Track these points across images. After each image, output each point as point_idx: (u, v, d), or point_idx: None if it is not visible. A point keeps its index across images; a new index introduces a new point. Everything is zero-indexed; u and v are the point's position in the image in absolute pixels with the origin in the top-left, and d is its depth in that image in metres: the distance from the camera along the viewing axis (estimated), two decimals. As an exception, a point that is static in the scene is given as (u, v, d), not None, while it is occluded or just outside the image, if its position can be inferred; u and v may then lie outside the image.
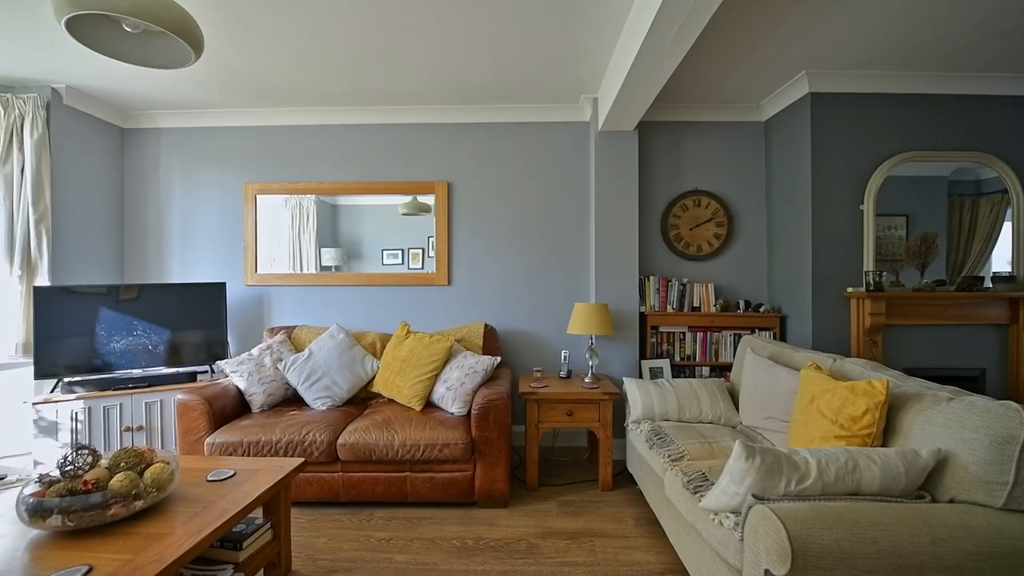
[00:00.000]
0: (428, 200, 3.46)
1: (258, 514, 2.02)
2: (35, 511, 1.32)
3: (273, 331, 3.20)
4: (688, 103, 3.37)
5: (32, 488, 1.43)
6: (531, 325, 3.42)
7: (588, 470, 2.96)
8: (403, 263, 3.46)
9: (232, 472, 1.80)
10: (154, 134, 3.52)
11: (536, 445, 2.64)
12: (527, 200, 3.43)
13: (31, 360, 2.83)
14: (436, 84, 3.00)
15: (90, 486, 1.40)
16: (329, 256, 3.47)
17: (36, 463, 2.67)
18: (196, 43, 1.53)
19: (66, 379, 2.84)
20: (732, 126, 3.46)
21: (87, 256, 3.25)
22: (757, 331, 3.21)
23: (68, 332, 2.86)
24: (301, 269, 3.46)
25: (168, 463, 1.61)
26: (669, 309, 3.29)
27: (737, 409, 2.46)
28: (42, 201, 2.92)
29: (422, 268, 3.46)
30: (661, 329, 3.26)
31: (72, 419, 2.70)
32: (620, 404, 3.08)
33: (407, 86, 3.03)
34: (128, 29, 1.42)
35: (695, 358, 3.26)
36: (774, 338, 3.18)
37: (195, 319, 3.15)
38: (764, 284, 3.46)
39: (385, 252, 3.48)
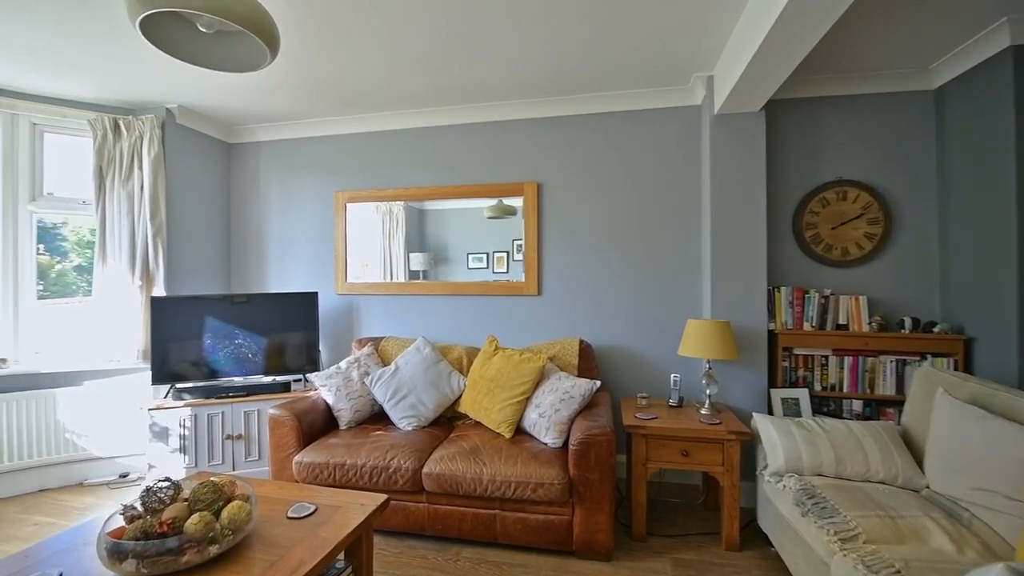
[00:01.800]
0: (514, 203, 3.20)
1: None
2: (113, 553, 1.23)
3: (361, 342, 3.12)
4: (829, 73, 2.75)
5: (115, 522, 1.36)
6: (632, 342, 3.01)
7: (705, 519, 2.49)
8: (488, 266, 3.25)
9: (313, 508, 1.64)
10: (255, 148, 3.64)
11: (644, 488, 2.25)
12: (626, 199, 3.03)
13: (149, 366, 3.01)
14: (524, 75, 2.72)
15: (166, 528, 1.29)
16: (417, 260, 3.36)
17: (150, 466, 2.81)
18: (272, 41, 1.38)
19: (177, 385, 2.98)
20: (889, 98, 2.77)
21: (197, 267, 3.43)
22: (931, 358, 2.52)
23: (179, 340, 3.00)
24: (391, 274, 3.39)
25: (247, 499, 1.48)
26: (806, 327, 2.70)
27: (919, 466, 1.87)
28: (158, 215, 3.10)
29: (507, 272, 3.21)
30: (796, 351, 2.69)
31: (180, 425, 2.81)
32: (748, 444, 2.57)
33: (493, 79, 2.78)
34: (203, 29, 1.30)
35: (841, 388, 2.64)
36: (955, 367, 2.48)
37: (290, 328, 3.18)
38: (935, 297, 2.72)
39: (470, 256, 3.28)
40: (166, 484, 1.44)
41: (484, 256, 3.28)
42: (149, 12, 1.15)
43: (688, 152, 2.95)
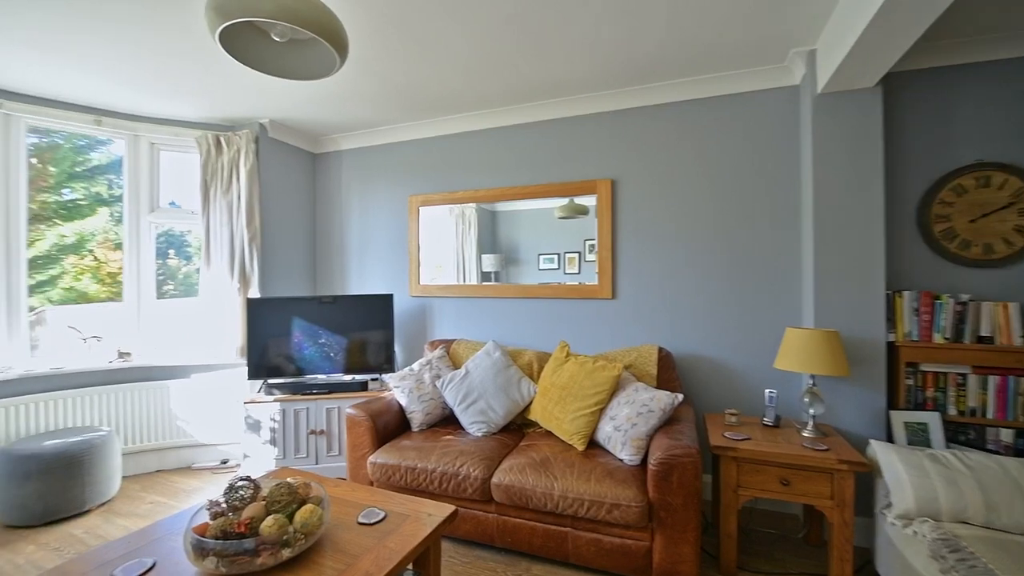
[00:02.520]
0: (586, 201, 3.05)
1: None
2: (196, 548, 1.29)
3: (433, 344, 3.15)
4: (965, 36, 2.30)
5: (201, 517, 1.43)
6: (718, 352, 2.74)
7: (808, 555, 2.19)
8: (559, 267, 3.13)
9: (383, 515, 1.64)
10: (337, 156, 3.83)
11: (734, 517, 2.01)
12: (710, 194, 2.76)
13: (245, 362, 3.26)
14: (598, 64, 2.57)
15: (243, 527, 1.33)
16: (489, 262, 3.33)
17: (245, 455, 3.03)
18: (341, 46, 1.38)
19: (269, 381, 3.19)
20: (1053, 61, 2.26)
21: (287, 270, 3.66)
22: (1117, 380, 2.01)
23: (271, 338, 3.22)
24: (464, 276, 3.39)
25: (320, 502, 1.50)
26: (937, 339, 2.28)
27: (1110, 520, 1.48)
28: (253, 222, 3.35)
29: (578, 272, 3.07)
30: (923, 368, 2.28)
31: (271, 419, 3.00)
32: (863, 475, 2.22)
33: (564, 74, 2.66)
34: (276, 39, 1.32)
35: (984, 414, 2.20)
36: None
37: (368, 329, 3.28)
38: (1122, 303, 2.18)
39: (541, 257, 3.19)
40: (246, 483, 1.50)
41: (555, 257, 3.17)
42: (227, 24, 1.18)
43: (783, 138, 2.62)
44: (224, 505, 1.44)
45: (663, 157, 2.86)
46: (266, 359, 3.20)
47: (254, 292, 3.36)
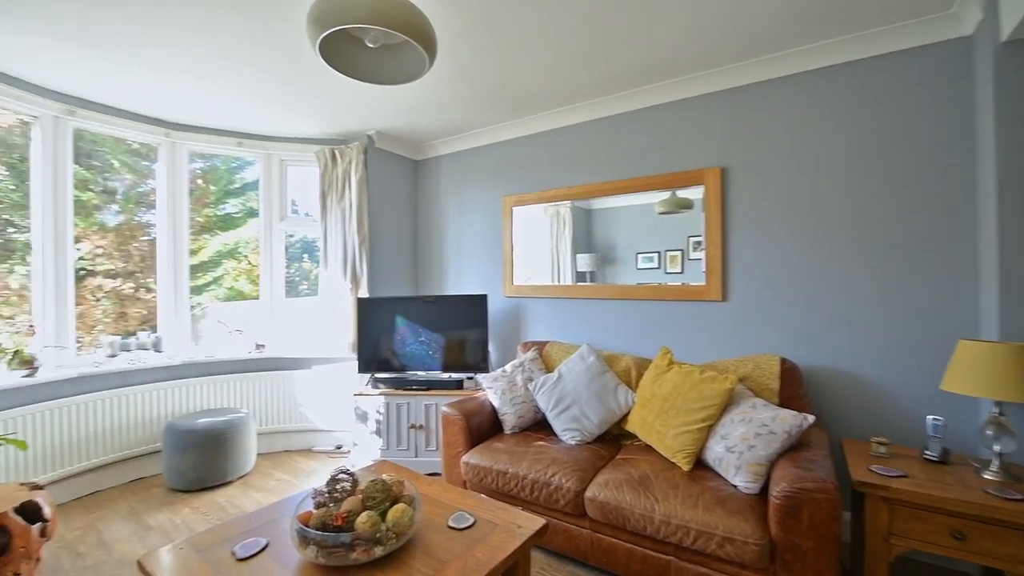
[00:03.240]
0: (690, 194, 2.77)
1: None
2: (300, 536, 1.36)
3: (526, 346, 3.10)
4: None
5: (306, 505, 1.51)
6: (861, 366, 2.30)
7: (990, 629, 1.73)
8: (659, 266, 2.89)
9: (472, 520, 1.61)
10: (436, 162, 3.97)
11: (884, 570, 1.65)
12: (844, 178, 2.33)
13: (356, 357, 3.51)
14: (702, 39, 2.30)
15: (341, 520, 1.38)
16: (584, 262, 3.20)
17: (354, 443, 3.26)
18: (431, 46, 1.37)
19: (376, 375, 3.40)
20: None
21: (392, 271, 3.88)
22: None
23: (378, 335, 3.43)
24: (559, 276, 3.31)
25: (411, 502, 1.51)
26: None
27: None
28: (363, 228, 3.60)
29: (681, 272, 2.81)
30: None
31: (376, 411, 3.19)
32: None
33: (666, 53, 2.43)
34: (370, 44, 1.35)
35: None
36: None
37: (463, 329, 3.35)
38: None
39: (640, 256, 2.97)
40: (346, 476, 1.56)
41: (655, 256, 2.94)
42: (326, 33, 1.22)
43: (949, 104, 2.12)
44: (326, 495, 1.52)
45: (786, 138, 2.48)
46: (373, 355, 3.42)
47: (363, 292, 3.60)
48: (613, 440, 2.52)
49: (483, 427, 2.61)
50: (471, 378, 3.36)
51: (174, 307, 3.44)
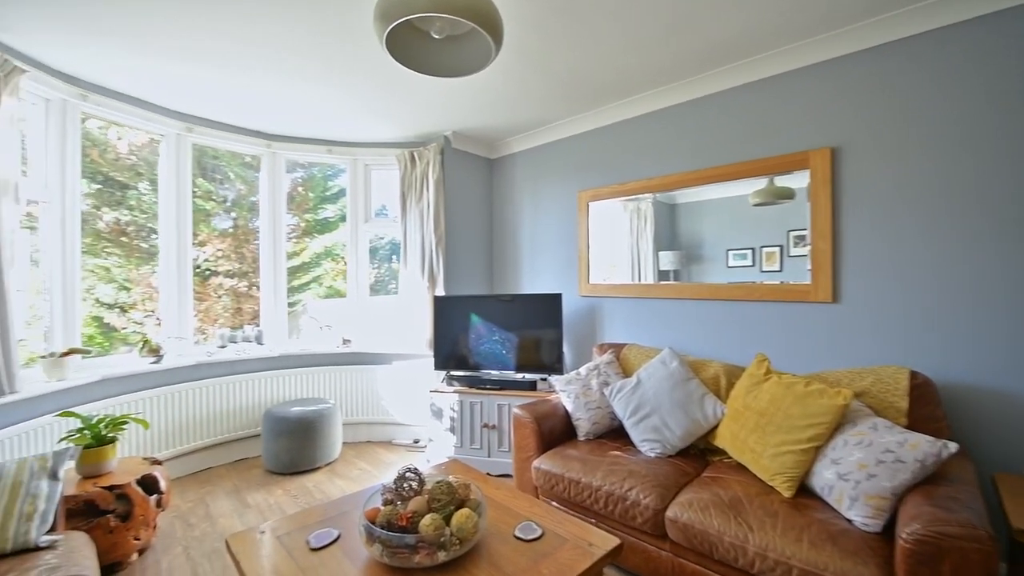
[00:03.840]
0: (791, 182, 2.44)
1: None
2: (367, 532, 1.36)
3: (602, 348, 2.95)
4: None
5: (375, 501, 1.52)
6: (1018, 383, 1.86)
7: None
8: (753, 264, 2.59)
9: (540, 532, 1.52)
10: (510, 160, 3.93)
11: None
12: (996, 154, 1.89)
13: (432, 354, 3.58)
14: (808, 3, 2.00)
15: (406, 521, 1.36)
16: (667, 260, 2.98)
17: (430, 439, 3.32)
18: (497, 34, 1.30)
19: (451, 373, 3.44)
20: None
21: (467, 270, 3.92)
22: None
23: (453, 333, 3.47)
24: (639, 276, 3.11)
25: (477, 507, 1.45)
26: None
27: None
28: (439, 227, 3.66)
29: (780, 271, 2.49)
30: None
31: (451, 409, 3.22)
32: None
33: (755, 21, 2.15)
34: (435, 36, 1.31)
35: None
36: None
37: (537, 329, 3.27)
38: None
39: (731, 252, 2.69)
40: (413, 475, 1.55)
41: (748, 252, 2.64)
42: (392, 26, 1.20)
43: None
44: (394, 492, 1.51)
45: (914, 108, 2.08)
46: (448, 352, 3.46)
47: (439, 290, 3.66)
48: (698, 455, 2.29)
49: (555, 431, 2.51)
50: (544, 379, 3.27)
51: (274, 304, 3.75)
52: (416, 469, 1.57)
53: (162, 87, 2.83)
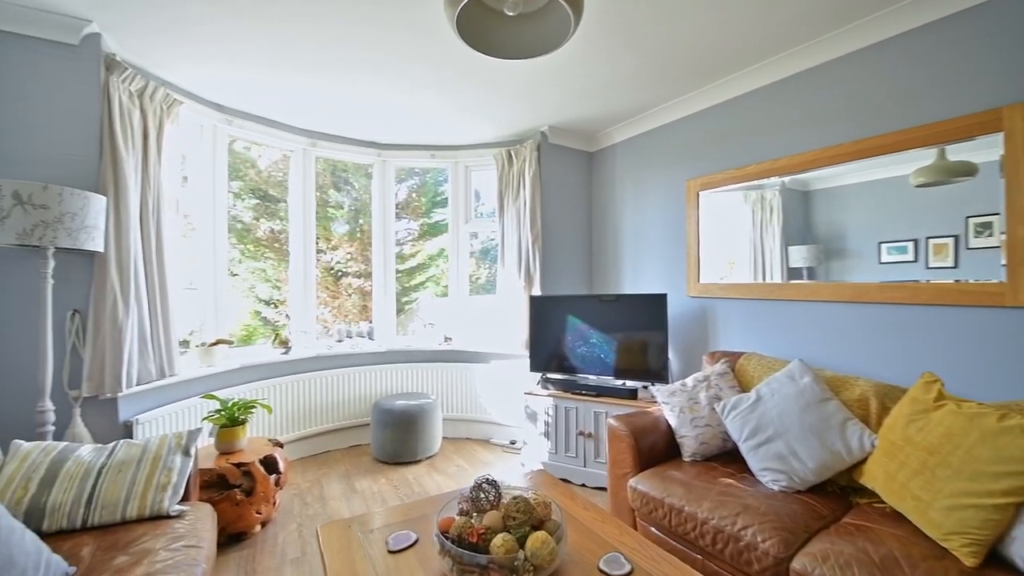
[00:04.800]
0: (969, 154, 1.88)
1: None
2: (439, 543, 1.31)
3: (714, 356, 2.60)
4: None
5: (451, 509, 1.46)
6: None
7: None
8: (915, 258, 2.06)
9: (629, 569, 1.33)
10: (611, 151, 3.69)
11: None
12: None
13: (528, 355, 3.51)
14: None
15: (477, 537, 1.27)
16: (799, 256, 2.53)
17: (524, 442, 3.25)
18: (576, 3, 1.14)
19: (547, 375, 3.33)
20: None
21: (565, 269, 3.78)
22: None
23: (549, 334, 3.36)
24: (763, 274, 2.70)
25: (556, 530, 1.32)
26: None
27: None
28: (536, 225, 3.57)
29: (954, 267, 1.94)
30: None
31: (545, 412, 3.11)
32: None
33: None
34: (509, 12, 1.20)
35: None
36: None
37: (639, 332, 3.02)
38: None
39: (884, 245, 2.18)
40: (490, 486, 1.46)
41: (909, 245, 2.11)
42: (462, 5, 1.12)
43: None
44: (470, 503, 1.44)
45: None
46: (544, 354, 3.36)
47: (536, 290, 3.58)
48: (837, 494, 1.87)
49: (656, 448, 2.26)
50: (647, 388, 3.00)
51: (384, 302, 3.99)
52: (492, 480, 1.48)
53: (289, 107, 3.16)
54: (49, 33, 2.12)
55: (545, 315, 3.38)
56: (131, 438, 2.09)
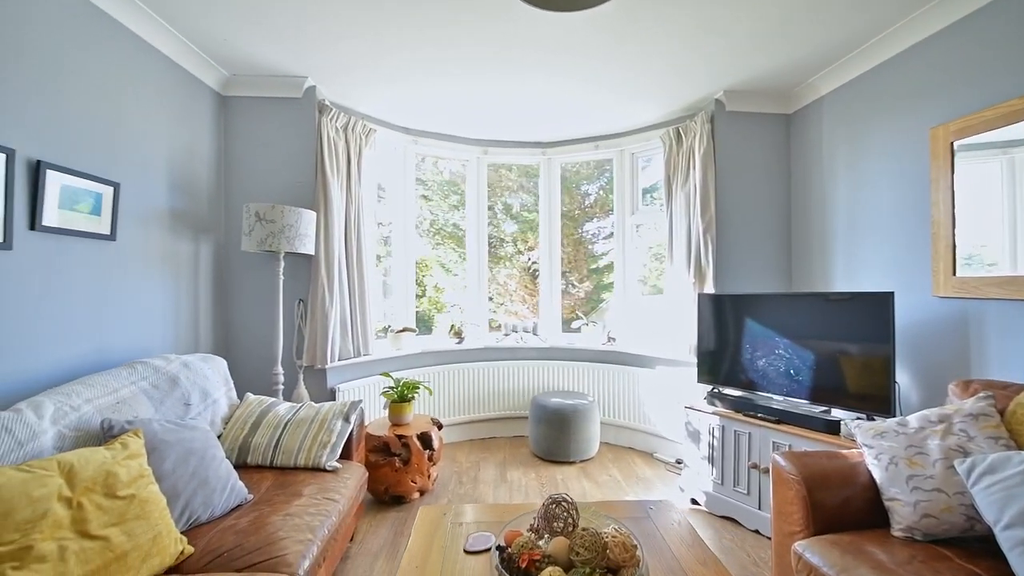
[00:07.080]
0: None
1: None
2: (495, 556, 1.21)
3: (968, 386, 1.74)
4: None
5: (524, 522, 1.34)
6: None
7: None
8: None
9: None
10: (816, 107, 2.86)
11: None
12: None
13: (695, 362, 3.02)
14: None
15: (529, 563, 1.13)
16: None
17: (685, 464, 2.80)
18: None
19: (715, 388, 2.81)
20: None
21: (750, 262, 3.12)
22: None
23: (721, 340, 2.83)
24: None
25: (626, 582, 1.07)
26: None
27: None
28: (708, 210, 3.05)
29: None
30: None
31: (709, 433, 2.63)
32: None
33: None
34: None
35: None
36: None
37: (848, 345, 2.26)
38: None
39: None
40: (565, 506, 1.28)
41: None
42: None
43: None
44: (543, 522, 1.30)
45: None
46: (714, 363, 2.84)
47: (708, 287, 3.05)
48: None
49: (849, 507, 1.63)
50: (858, 419, 2.21)
51: (549, 298, 4.03)
52: (566, 499, 1.30)
53: (463, 122, 3.49)
54: (283, 92, 2.83)
55: (718, 317, 2.85)
56: (334, 400, 2.61)
